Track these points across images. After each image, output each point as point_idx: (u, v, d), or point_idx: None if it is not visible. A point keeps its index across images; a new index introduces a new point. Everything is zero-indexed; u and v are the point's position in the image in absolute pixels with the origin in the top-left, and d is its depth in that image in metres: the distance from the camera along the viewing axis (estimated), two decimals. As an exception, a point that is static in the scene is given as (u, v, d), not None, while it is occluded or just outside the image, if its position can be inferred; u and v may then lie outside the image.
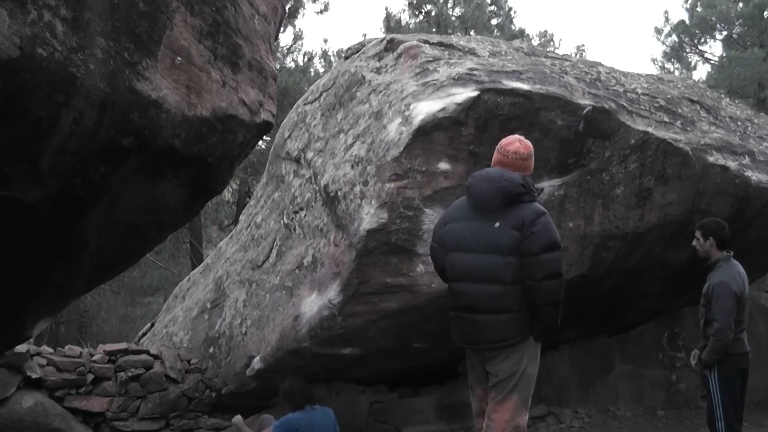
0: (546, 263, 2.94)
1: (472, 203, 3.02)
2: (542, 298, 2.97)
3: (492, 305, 2.92)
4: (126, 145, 2.43)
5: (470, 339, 3.02)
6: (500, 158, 3.14)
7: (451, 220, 3.10)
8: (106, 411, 5.11)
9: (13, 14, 1.86)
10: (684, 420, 6.16)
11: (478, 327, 2.96)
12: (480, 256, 2.93)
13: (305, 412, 4.10)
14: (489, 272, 2.91)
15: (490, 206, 2.94)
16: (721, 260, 4.16)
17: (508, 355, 2.96)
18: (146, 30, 2.36)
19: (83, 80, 2.11)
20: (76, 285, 3.21)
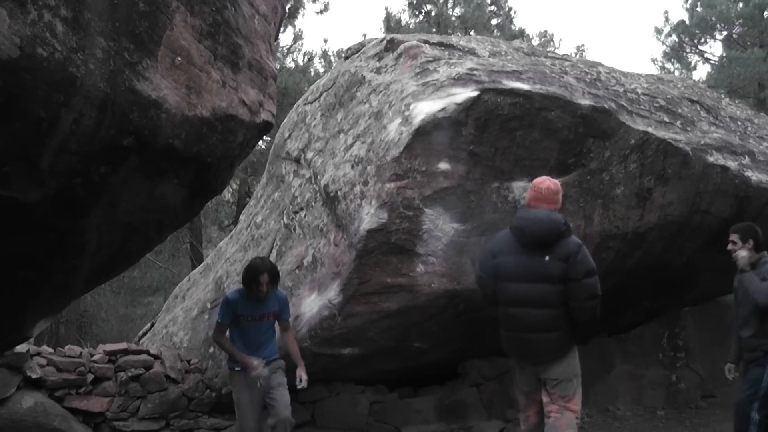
0: (587, 287, 3.54)
1: (525, 241, 3.52)
2: (584, 315, 3.59)
3: (546, 326, 3.51)
4: (126, 145, 2.44)
5: (526, 354, 3.63)
6: (536, 195, 3.66)
7: (500, 254, 3.58)
8: (106, 411, 5.10)
9: (13, 14, 1.86)
10: (684, 420, 6.16)
11: (534, 344, 3.54)
12: (533, 285, 3.46)
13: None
14: (542, 299, 3.47)
15: (543, 243, 3.48)
16: (760, 260, 4.18)
17: (561, 361, 3.59)
18: (146, 30, 2.36)
19: (83, 80, 2.11)
20: (76, 285, 3.21)
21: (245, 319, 4.25)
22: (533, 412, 3.68)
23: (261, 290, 4.13)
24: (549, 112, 4.63)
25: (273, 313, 4.33)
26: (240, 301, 4.25)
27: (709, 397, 6.76)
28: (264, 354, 4.28)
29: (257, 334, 4.30)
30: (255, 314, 4.27)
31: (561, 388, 3.54)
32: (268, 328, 4.37)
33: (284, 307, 4.40)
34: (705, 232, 5.72)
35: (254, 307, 4.25)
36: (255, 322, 4.28)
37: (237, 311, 4.24)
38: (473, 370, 5.96)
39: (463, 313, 4.88)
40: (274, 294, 4.30)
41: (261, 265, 4.22)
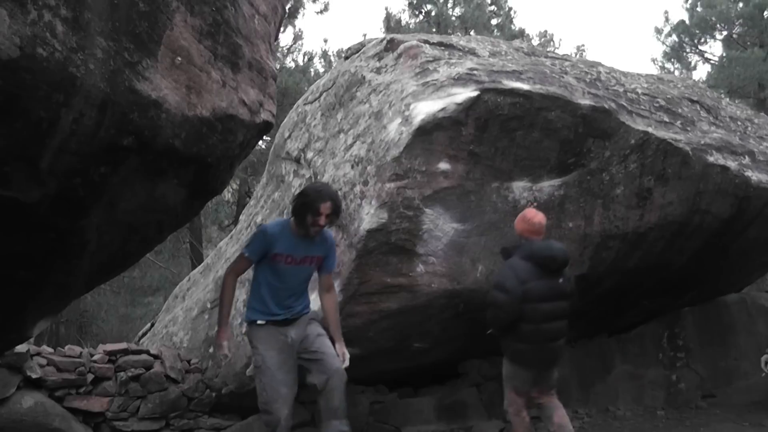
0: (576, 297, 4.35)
1: (554, 267, 4.06)
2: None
3: (563, 334, 4.23)
4: (126, 145, 2.43)
5: (549, 360, 4.23)
6: (530, 228, 4.15)
7: (528, 280, 4.01)
8: (106, 411, 5.10)
9: (13, 14, 1.86)
10: (684, 420, 6.16)
11: (556, 352, 4.24)
12: (556, 303, 4.08)
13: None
14: (562, 313, 4.14)
15: (563, 268, 4.13)
16: None
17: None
18: (146, 30, 2.36)
19: (83, 80, 2.11)
20: (76, 285, 3.20)
21: (282, 260, 3.43)
22: (527, 411, 4.29)
23: (318, 224, 3.33)
24: (549, 112, 4.63)
25: (318, 258, 3.55)
26: (281, 236, 3.42)
27: (709, 397, 6.76)
28: (297, 311, 3.54)
29: (293, 282, 3.51)
30: (296, 256, 3.45)
31: (552, 386, 4.32)
32: (307, 277, 3.58)
33: (331, 254, 3.62)
34: (705, 232, 5.72)
35: (297, 247, 3.45)
36: (294, 267, 3.46)
37: (273, 248, 3.41)
38: (473, 370, 5.96)
39: (463, 313, 4.88)
40: (322, 234, 3.52)
41: (324, 190, 3.40)
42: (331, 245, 3.63)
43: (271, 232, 3.44)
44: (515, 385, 4.18)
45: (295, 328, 3.52)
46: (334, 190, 3.52)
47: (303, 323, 3.56)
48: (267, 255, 3.42)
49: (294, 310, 3.52)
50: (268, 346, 3.40)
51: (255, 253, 3.47)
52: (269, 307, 3.49)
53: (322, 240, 3.54)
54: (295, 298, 3.54)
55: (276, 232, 3.43)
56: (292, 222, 3.43)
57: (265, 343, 3.41)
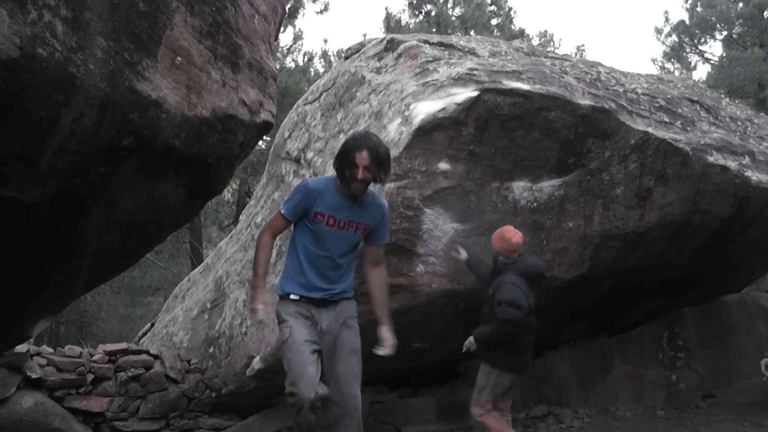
0: None
1: (538, 284, 4.32)
2: None
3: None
4: (126, 145, 2.43)
5: (527, 367, 4.47)
6: (508, 248, 4.26)
7: (528, 295, 4.22)
8: (106, 411, 5.10)
9: (13, 14, 1.86)
10: (684, 420, 6.16)
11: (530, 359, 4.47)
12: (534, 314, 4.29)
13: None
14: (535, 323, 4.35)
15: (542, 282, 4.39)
16: None
17: None
18: (146, 30, 2.36)
19: (83, 80, 2.11)
20: (76, 285, 3.20)
21: (324, 221, 2.99)
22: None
23: (356, 178, 2.89)
24: (549, 112, 4.63)
25: (365, 227, 3.08)
26: (326, 193, 2.99)
27: (709, 397, 6.76)
28: (337, 290, 3.06)
29: (335, 250, 3.03)
30: (340, 218, 3.00)
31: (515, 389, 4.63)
32: (351, 247, 3.10)
33: (383, 224, 3.16)
34: (705, 232, 5.72)
35: (342, 208, 3.00)
36: (337, 231, 3.01)
37: (315, 205, 2.97)
38: (473, 370, 5.95)
39: (463, 313, 4.88)
40: (375, 200, 3.12)
41: (361, 138, 2.97)
42: (384, 215, 3.13)
43: (314, 187, 2.99)
44: (497, 393, 4.34)
45: (331, 315, 3.04)
46: (376, 139, 2.96)
47: (341, 313, 3.06)
48: (307, 214, 2.97)
49: (334, 290, 3.02)
50: (298, 321, 2.95)
51: (293, 210, 3.00)
52: (307, 276, 3.01)
53: (375, 207, 3.08)
54: (338, 273, 3.04)
55: (320, 188, 2.98)
56: (337, 180, 2.99)
57: (295, 317, 2.96)
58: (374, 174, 2.94)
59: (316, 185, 3.04)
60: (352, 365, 3.04)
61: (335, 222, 3.00)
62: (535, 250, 4.95)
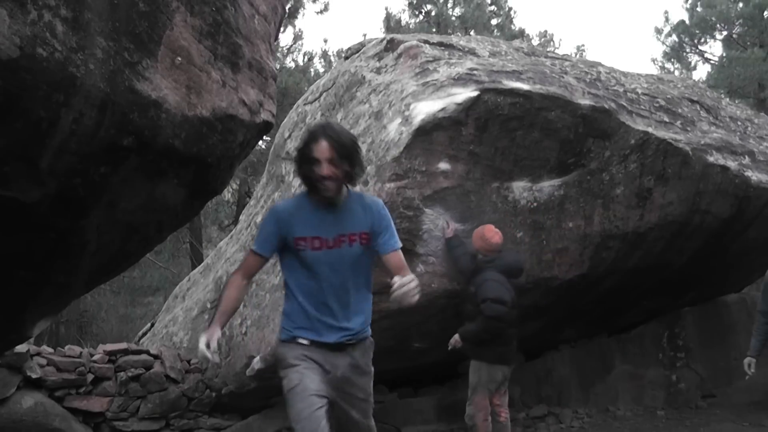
0: None
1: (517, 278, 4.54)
2: None
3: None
4: (126, 145, 2.43)
5: (514, 358, 4.62)
6: (487, 248, 4.40)
7: (510, 290, 4.38)
8: (106, 411, 5.10)
9: (13, 14, 1.86)
10: (684, 420, 6.16)
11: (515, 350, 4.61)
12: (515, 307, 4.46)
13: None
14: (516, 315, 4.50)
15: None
16: None
17: None
18: (146, 30, 2.36)
19: (83, 80, 2.11)
20: (76, 285, 3.20)
21: (308, 246, 2.48)
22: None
23: (321, 177, 2.41)
24: (549, 112, 4.63)
25: (363, 236, 2.54)
26: (299, 213, 2.52)
27: (709, 397, 6.76)
28: (354, 329, 2.57)
29: (335, 277, 2.52)
30: (326, 236, 2.49)
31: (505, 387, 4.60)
32: (355, 265, 2.56)
33: (383, 227, 2.58)
34: (705, 232, 5.72)
35: (324, 223, 2.50)
36: (327, 253, 2.49)
37: (292, 231, 2.49)
38: (473, 370, 5.96)
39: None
40: (362, 200, 2.61)
41: (317, 128, 2.50)
42: (380, 214, 2.58)
43: (284, 209, 2.55)
44: (489, 388, 4.43)
45: (346, 361, 2.56)
46: (337, 127, 2.54)
47: (358, 360, 2.60)
48: (287, 244, 2.51)
49: (351, 329, 2.55)
50: (309, 368, 2.48)
51: (265, 244, 2.55)
52: (311, 319, 2.53)
53: (365, 208, 2.56)
54: (348, 304, 2.55)
55: (291, 209, 2.54)
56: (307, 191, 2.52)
57: (305, 361, 2.50)
58: (341, 166, 2.42)
59: (286, 207, 2.59)
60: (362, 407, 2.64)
61: (322, 243, 2.48)
62: (535, 250, 4.95)
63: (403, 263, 2.61)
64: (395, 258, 2.59)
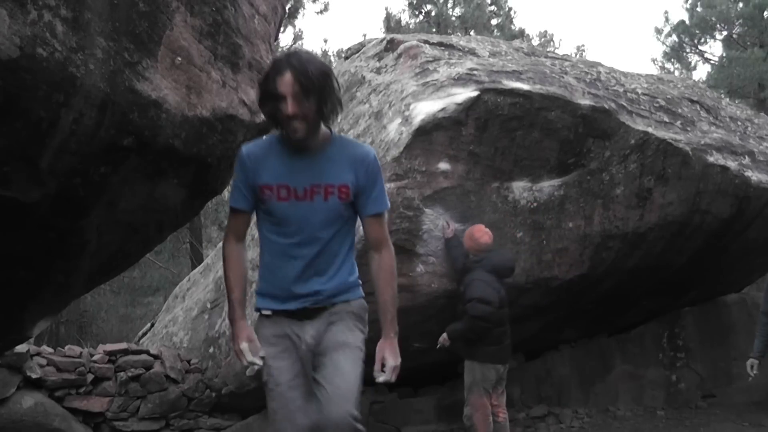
0: None
1: (506, 277, 4.55)
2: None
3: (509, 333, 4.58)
4: (126, 145, 2.43)
5: (508, 357, 4.63)
6: (477, 248, 4.43)
7: (497, 290, 4.40)
8: (106, 411, 5.10)
9: (13, 14, 1.86)
10: (684, 420, 6.16)
11: (510, 349, 4.61)
12: (506, 307, 4.51)
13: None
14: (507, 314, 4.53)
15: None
16: None
17: None
18: (146, 30, 2.35)
19: (83, 80, 2.11)
20: (76, 285, 3.20)
21: (274, 195, 2.12)
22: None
23: (286, 115, 2.01)
24: (549, 112, 4.63)
25: (342, 188, 2.13)
26: (269, 155, 2.15)
27: (709, 397, 6.76)
28: (324, 293, 2.18)
29: (302, 233, 2.13)
30: (295, 185, 2.11)
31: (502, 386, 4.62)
32: (333, 225, 2.16)
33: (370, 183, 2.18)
34: (705, 232, 5.72)
35: (295, 170, 2.12)
36: (296, 205, 2.11)
37: (258, 177, 2.14)
38: (473, 370, 5.96)
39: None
40: (349, 148, 2.20)
41: (280, 59, 2.09)
42: (368, 168, 2.16)
43: (250, 153, 2.16)
44: (485, 387, 4.43)
45: (318, 323, 2.18)
46: (305, 55, 2.09)
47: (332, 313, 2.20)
48: (255, 193, 2.15)
49: (321, 294, 2.16)
50: (278, 355, 2.16)
51: (238, 196, 2.19)
52: (278, 280, 2.18)
53: (352, 157, 2.14)
54: (322, 266, 2.16)
55: (258, 152, 2.16)
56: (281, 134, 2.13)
57: (273, 345, 2.17)
58: (310, 103, 2.00)
59: (253, 151, 2.17)
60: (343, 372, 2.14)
61: (289, 192, 2.09)
62: (535, 250, 4.95)
63: (383, 234, 2.24)
64: (375, 225, 2.22)
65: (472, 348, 4.40)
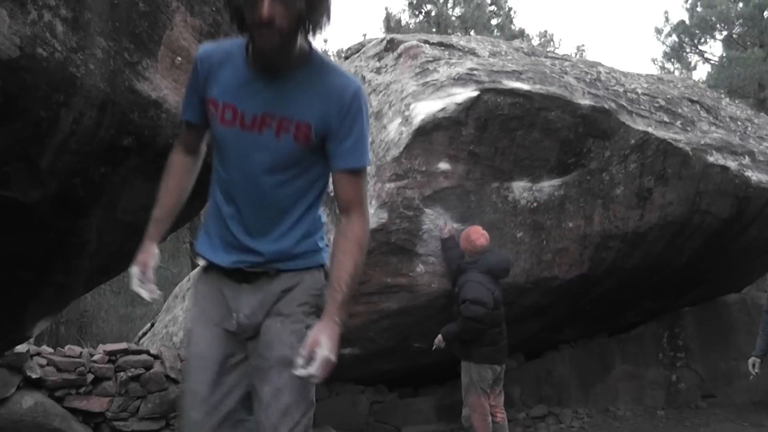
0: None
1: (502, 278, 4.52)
2: None
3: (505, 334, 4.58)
4: (126, 145, 2.43)
5: (504, 358, 4.59)
6: (473, 250, 4.41)
7: (492, 291, 4.37)
8: (106, 411, 5.10)
9: (13, 14, 1.86)
10: (684, 420, 6.16)
11: (506, 349, 4.60)
12: (502, 307, 4.50)
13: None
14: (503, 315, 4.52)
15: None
16: None
17: None
18: (146, 30, 2.36)
19: (83, 80, 2.11)
20: (76, 285, 3.20)
21: (217, 115, 1.66)
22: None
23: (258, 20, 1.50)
24: (549, 112, 4.63)
25: (303, 126, 1.62)
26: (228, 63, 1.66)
27: (709, 397, 6.76)
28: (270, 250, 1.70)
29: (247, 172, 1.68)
30: (243, 108, 1.63)
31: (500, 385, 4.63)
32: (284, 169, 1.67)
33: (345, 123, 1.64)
34: (705, 232, 5.72)
35: (250, 91, 1.63)
36: (239, 134, 1.65)
37: (205, 87, 1.68)
38: (473, 370, 5.96)
39: (463, 313, 4.88)
40: (323, 78, 1.64)
41: None
42: (344, 106, 1.62)
43: (207, 55, 1.69)
44: (482, 387, 4.44)
45: (257, 297, 1.71)
46: None
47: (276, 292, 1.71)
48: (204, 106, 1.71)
49: (262, 253, 1.69)
50: (202, 315, 1.76)
51: (187, 104, 1.78)
52: (215, 223, 1.77)
53: (320, 88, 1.62)
54: (267, 218, 1.70)
55: (215, 56, 1.67)
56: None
57: (200, 305, 1.78)
58: (292, 8, 1.51)
59: (210, 54, 1.69)
60: (282, 385, 1.67)
61: (235, 116, 1.63)
62: (535, 250, 4.95)
63: (357, 197, 1.71)
64: (347, 184, 1.69)
65: (468, 349, 4.41)
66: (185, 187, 1.91)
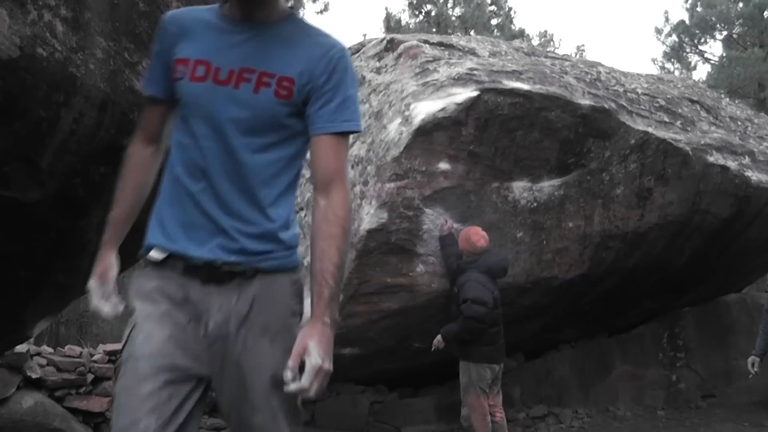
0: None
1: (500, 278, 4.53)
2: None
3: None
4: (126, 145, 2.43)
5: (503, 356, 4.59)
6: (472, 251, 4.39)
7: (492, 290, 4.39)
8: (106, 411, 5.10)
9: (13, 14, 1.86)
10: (684, 420, 6.16)
11: (504, 348, 4.58)
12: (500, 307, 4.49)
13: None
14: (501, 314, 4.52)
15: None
16: None
17: None
18: (146, 30, 2.36)
19: (83, 80, 2.11)
20: (76, 285, 3.20)
21: (188, 73, 1.43)
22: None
23: None
24: (549, 112, 4.63)
25: (283, 83, 1.40)
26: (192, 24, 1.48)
27: (709, 397, 6.76)
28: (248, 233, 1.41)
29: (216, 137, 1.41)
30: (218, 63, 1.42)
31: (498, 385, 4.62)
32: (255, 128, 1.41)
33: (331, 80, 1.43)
34: (705, 232, 5.72)
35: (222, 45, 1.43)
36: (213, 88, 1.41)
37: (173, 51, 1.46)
38: (473, 370, 5.96)
39: (463, 313, 4.88)
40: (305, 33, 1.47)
41: None
42: (329, 61, 1.44)
43: (173, 19, 1.51)
44: (481, 387, 4.45)
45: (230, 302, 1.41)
46: None
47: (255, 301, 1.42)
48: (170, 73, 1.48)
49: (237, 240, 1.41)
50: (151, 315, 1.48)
51: (150, 75, 1.58)
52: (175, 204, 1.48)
53: (303, 44, 1.46)
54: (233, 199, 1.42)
55: (185, 20, 1.50)
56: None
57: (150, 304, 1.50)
58: None
59: (179, 16, 1.52)
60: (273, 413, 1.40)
61: (208, 71, 1.42)
62: (535, 250, 4.95)
63: (337, 167, 1.46)
64: (328, 150, 1.45)
65: (467, 348, 4.41)
66: (146, 182, 1.63)
